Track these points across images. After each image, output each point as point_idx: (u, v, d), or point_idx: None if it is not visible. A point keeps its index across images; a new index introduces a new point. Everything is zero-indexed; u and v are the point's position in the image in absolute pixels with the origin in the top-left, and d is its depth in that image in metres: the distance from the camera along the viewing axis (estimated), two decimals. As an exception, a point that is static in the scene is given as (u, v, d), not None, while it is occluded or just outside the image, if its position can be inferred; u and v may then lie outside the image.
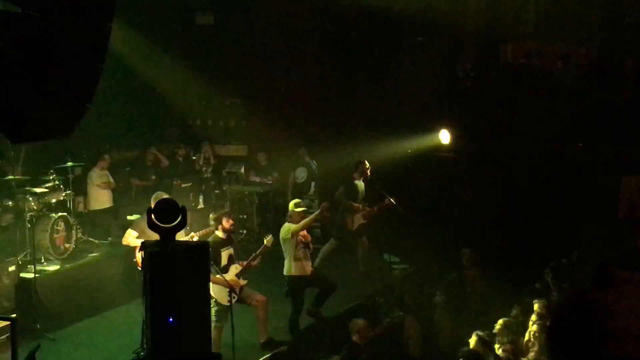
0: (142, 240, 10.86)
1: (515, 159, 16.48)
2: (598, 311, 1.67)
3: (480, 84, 18.15)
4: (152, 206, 11.27)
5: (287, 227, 11.59)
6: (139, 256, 10.95)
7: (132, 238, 11.35)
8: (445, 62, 18.14)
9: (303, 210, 11.79)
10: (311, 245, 11.96)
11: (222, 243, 10.64)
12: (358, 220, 14.31)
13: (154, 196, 11.60)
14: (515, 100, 17.50)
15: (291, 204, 12.05)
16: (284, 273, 11.68)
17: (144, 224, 11.17)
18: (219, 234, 10.73)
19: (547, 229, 14.59)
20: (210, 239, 10.56)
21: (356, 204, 14.25)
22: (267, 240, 11.18)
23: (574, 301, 1.76)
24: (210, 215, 11.42)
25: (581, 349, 1.67)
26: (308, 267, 11.75)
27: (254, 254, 11.12)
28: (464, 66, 18.38)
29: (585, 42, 17.98)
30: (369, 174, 14.25)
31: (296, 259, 11.56)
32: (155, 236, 10.53)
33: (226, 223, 10.77)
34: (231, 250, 10.83)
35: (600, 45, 17.79)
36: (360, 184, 14.35)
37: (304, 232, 11.70)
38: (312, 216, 11.68)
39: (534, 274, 12.59)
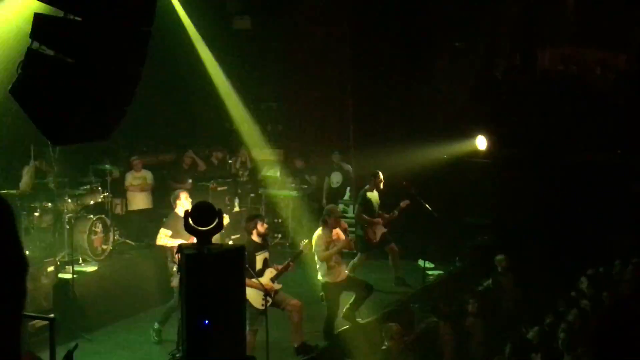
0: (177, 239, 11.04)
1: (551, 165, 16.37)
2: None
3: (517, 90, 18.06)
4: (174, 205, 11.50)
5: (318, 235, 11.63)
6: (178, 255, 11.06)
7: (166, 238, 11.40)
8: (482, 67, 18.06)
9: (339, 216, 11.87)
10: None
11: (257, 247, 10.68)
12: (380, 230, 14.30)
13: (173, 196, 11.71)
14: (552, 106, 17.39)
15: (326, 209, 12.11)
16: (318, 278, 11.71)
17: (175, 222, 11.32)
18: (254, 238, 10.76)
19: (582, 237, 14.47)
20: (245, 243, 10.60)
21: (374, 218, 14.26)
22: (303, 245, 11.22)
23: (619, 308, 1.77)
24: (244, 219, 11.49)
25: (626, 353, 1.68)
26: (342, 273, 11.77)
27: (289, 258, 11.16)
28: (501, 71, 18.30)
29: (624, 48, 17.83)
30: (381, 186, 14.33)
31: (329, 266, 11.59)
32: (188, 234, 10.69)
33: (261, 227, 10.80)
34: (266, 254, 10.86)
35: (639, 50, 17.62)
36: (374, 195, 14.38)
37: (338, 236, 11.71)
38: (337, 247, 11.58)
39: (569, 282, 12.50)
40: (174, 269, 11.11)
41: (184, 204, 11.28)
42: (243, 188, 17.47)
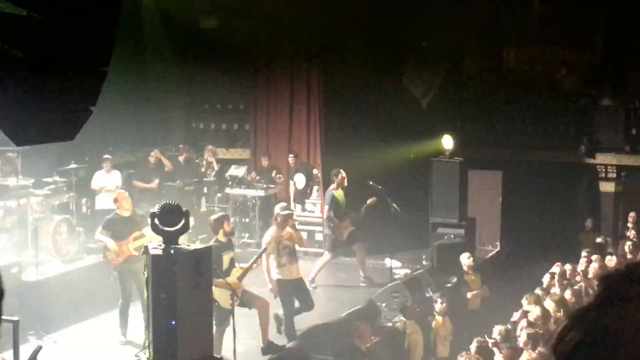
0: (108, 240, 11.10)
1: (516, 164, 16.50)
2: (605, 327, 1.67)
3: (484, 90, 18.19)
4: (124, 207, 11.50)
5: (269, 233, 11.69)
6: (107, 255, 11.11)
7: (101, 235, 11.38)
8: (448, 67, 18.16)
9: (288, 214, 11.86)
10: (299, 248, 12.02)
11: (224, 247, 10.64)
12: (346, 228, 14.36)
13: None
14: (518, 106, 17.54)
15: (277, 207, 12.15)
16: (272, 277, 11.69)
17: (114, 222, 11.34)
18: (220, 237, 10.73)
19: (548, 236, 14.62)
20: (212, 243, 10.58)
21: (342, 216, 14.32)
22: (268, 243, 11.24)
23: (580, 317, 1.76)
24: (210, 219, 11.45)
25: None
26: (295, 272, 11.78)
27: (255, 257, 11.16)
28: (468, 71, 18.42)
29: (588, 48, 18.02)
30: (345, 183, 14.42)
31: (280, 264, 11.58)
32: (125, 235, 10.74)
33: (227, 227, 10.78)
34: (232, 254, 10.84)
35: (603, 52, 17.82)
36: (340, 193, 14.47)
37: (290, 236, 11.73)
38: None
39: (534, 280, 12.61)
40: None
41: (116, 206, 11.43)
42: (210, 188, 17.41)
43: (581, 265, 13.44)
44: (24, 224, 12.57)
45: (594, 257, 13.36)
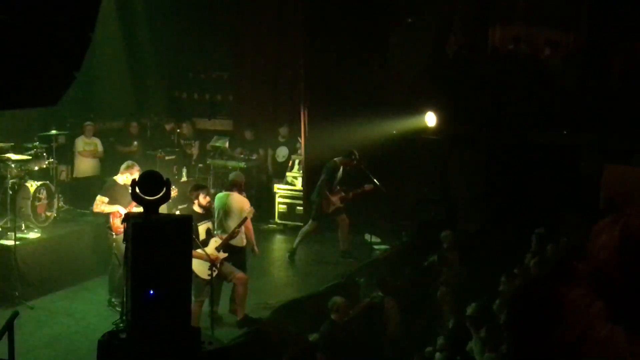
0: (114, 205, 10.98)
1: (499, 144, 16.52)
2: (547, 299, 1.72)
3: (468, 68, 18.14)
4: (121, 174, 11.39)
5: (242, 200, 11.64)
6: (115, 222, 10.97)
7: (102, 204, 11.28)
8: (433, 44, 18.10)
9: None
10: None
11: (199, 217, 10.58)
12: (334, 203, 14.39)
13: (124, 165, 11.58)
14: (502, 85, 17.52)
15: (233, 174, 12.18)
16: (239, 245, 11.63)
17: (112, 190, 11.25)
18: (196, 208, 10.69)
19: (528, 216, 14.65)
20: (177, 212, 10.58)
21: (333, 191, 14.34)
22: (247, 212, 11.22)
23: (527, 290, 1.82)
24: (189, 188, 11.44)
25: (533, 336, 1.72)
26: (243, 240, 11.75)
27: (233, 228, 11.15)
28: (452, 49, 18.36)
29: (573, 28, 17.99)
30: (351, 166, 14.45)
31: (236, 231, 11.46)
32: (125, 201, 10.60)
33: (203, 199, 10.72)
34: (209, 224, 10.80)
35: (588, 31, 17.80)
36: (341, 171, 14.47)
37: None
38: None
39: (515, 259, 12.65)
40: (114, 236, 11.07)
41: (128, 177, 11.17)
42: (191, 158, 17.36)
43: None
44: (2, 189, 12.47)
45: None
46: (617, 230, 1.73)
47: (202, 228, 10.58)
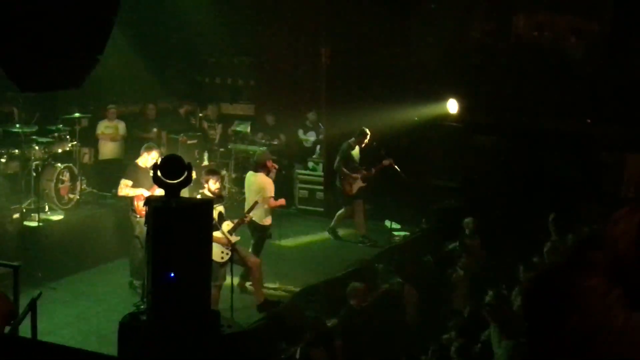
0: (138, 188, 11.04)
1: (521, 132, 16.44)
2: (564, 287, 1.74)
3: (491, 55, 18.05)
4: (141, 157, 11.46)
5: (267, 180, 11.83)
6: (139, 204, 11.02)
7: (127, 188, 11.34)
8: (456, 30, 18.01)
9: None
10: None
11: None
12: (357, 184, 14.46)
13: (143, 147, 11.66)
14: (525, 73, 17.41)
15: (263, 153, 12.32)
16: (262, 223, 11.84)
17: (135, 172, 11.30)
18: (207, 192, 10.75)
19: (550, 204, 14.58)
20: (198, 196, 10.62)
21: (353, 172, 14.42)
22: (259, 197, 11.28)
23: (544, 278, 1.84)
24: (205, 171, 11.53)
25: (549, 323, 1.73)
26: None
27: (245, 211, 11.23)
28: (475, 36, 18.26)
29: (597, 16, 17.84)
30: (364, 144, 14.65)
31: (267, 210, 11.81)
32: (147, 184, 10.66)
33: (213, 184, 10.78)
34: (221, 208, 10.87)
35: (612, 19, 17.64)
36: (355, 151, 14.64)
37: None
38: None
39: (535, 247, 12.61)
40: (137, 218, 11.13)
41: (148, 159, 11.26)
42: (213, 142, 17.41)
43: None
44: (26, 171, 12.59)
45: None
46: (636, 219, 1.74)
47: (214, 211, 10.64)
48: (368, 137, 14.53)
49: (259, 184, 11.71)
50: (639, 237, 1.73)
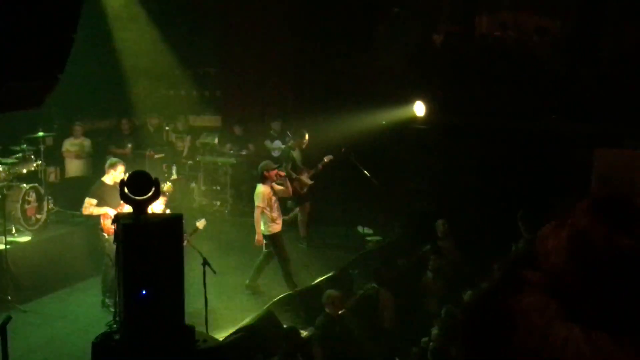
0: (103, 207, 10.89)
1: (489, 131, 16.48)
2: (502, 308, 1.74)
3: (456, 56, 18.10)
4: (106, 174, 11.32)
5: (259, 191, 12.00)
6: (106, 223, 10.87)
7: (91, 207, 11.20)
8: (421, 33, 18.05)
9: (276, 167, 12.46)
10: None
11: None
12: (306, 183, 14.52)
13: (107, 164, 11.52)
14: (490, 73, 17.47)
15: (262, 165, 12.30)
16: (264, 233, 11.96)
17: (100, 190, 11.16)
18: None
19: (520, 202, 14.62)
20: None
21: (299, 175, 14.57)
22: (200, 223, 11.10)
23: (480, 304, 1.83)
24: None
25: (489, 345, 1.72)
26: (281, 224, 12.32)
27: (185, 234, 11.09)
28: (440, 38, 18.31)
29: (561, 13, 17.96)
30: (304, 147, 14.85)
31: (273, 217, 12.02)
32: (114, 202, 10.52)
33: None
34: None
35: (576, 17, 17.76)
36: (296, 153, 14.83)
37: (275, 188, 12.21)
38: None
39: (507, 246, 12.63)
40: (106, 237, 10.99)
41: (116, 175, 11.13)
42: (181, 155, 17.29)
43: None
44: (-9, 193, 12.40)
45: None
46: (564, 234, 1.75)
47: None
48: (305, 139, 14.71)
49: (256, 195, 12.02)
50: (570, 251, 1.75)
